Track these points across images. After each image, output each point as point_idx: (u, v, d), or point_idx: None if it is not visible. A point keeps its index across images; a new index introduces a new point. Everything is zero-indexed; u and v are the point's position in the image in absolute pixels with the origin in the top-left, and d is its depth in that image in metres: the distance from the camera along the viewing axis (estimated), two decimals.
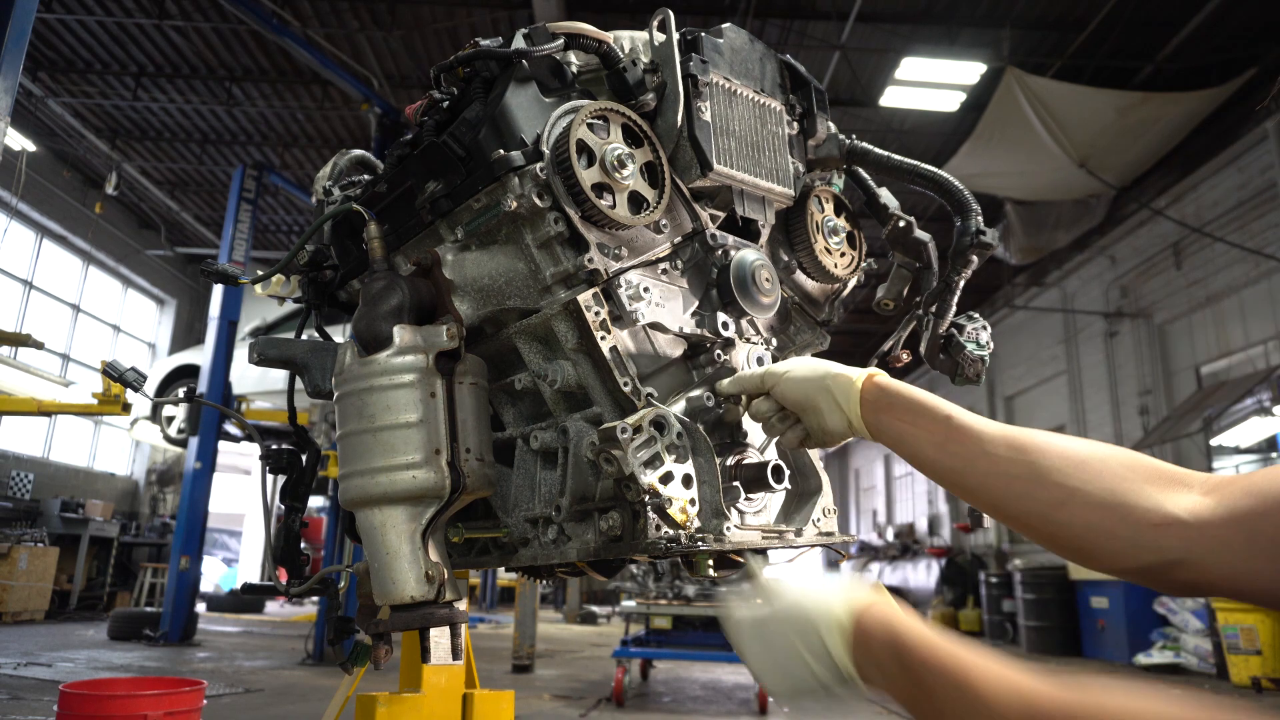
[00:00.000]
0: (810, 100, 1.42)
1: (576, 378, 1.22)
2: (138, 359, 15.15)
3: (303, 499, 1.50)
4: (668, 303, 1.26)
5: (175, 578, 8.48)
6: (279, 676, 6.40)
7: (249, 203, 9.58)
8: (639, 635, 6.12)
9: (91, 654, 7.27)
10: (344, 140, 11.92)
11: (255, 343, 1.39)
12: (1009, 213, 10.65)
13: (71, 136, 11.99)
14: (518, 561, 1.34)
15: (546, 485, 1.30)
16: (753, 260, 1.32)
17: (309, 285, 1.54)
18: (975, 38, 8.87)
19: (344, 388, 1.17)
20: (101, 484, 14.21)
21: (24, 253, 12.68)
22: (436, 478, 1.12)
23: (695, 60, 1.26)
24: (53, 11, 9.26)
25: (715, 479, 1.14)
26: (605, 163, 1.17)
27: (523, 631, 7.01)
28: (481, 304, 1.27)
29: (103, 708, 2.61)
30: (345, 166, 1.62)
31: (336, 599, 1.48)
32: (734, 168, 1.28)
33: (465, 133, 1.23)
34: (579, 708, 5.39)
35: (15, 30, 2.88)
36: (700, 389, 1.28)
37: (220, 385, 8.64)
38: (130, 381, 1.68)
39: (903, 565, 18.07)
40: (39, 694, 4.97)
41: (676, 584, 6.24)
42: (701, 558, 1.17)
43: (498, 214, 1.20)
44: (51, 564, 10.50)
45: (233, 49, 10.09)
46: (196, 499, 8.69)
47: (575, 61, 1.31)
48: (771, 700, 5.70)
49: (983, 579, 13.05)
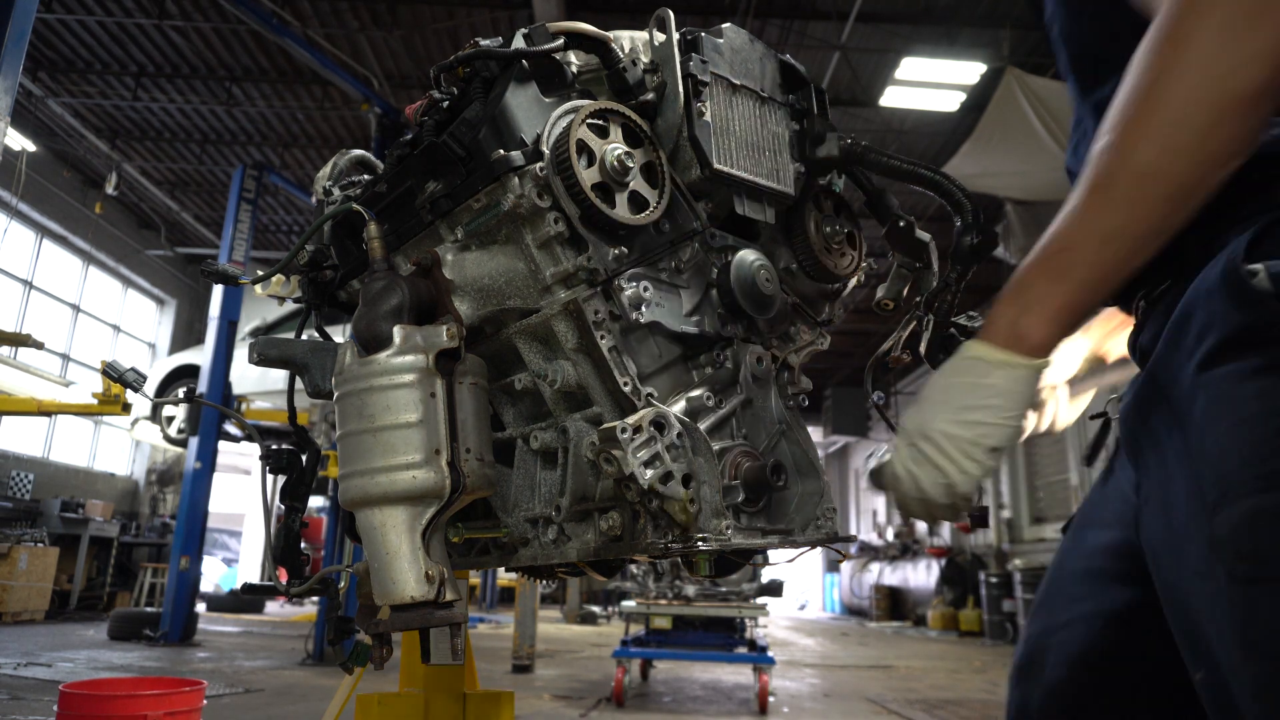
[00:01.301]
0: (810, 100, 1.42)
1: (576, 378, 1.22)
2: (138, 359, 15.15)
3: (303, 499, 1.50)
4: (668, 303, 1.26)
5: (175, 578, 8.48)
6: (279, 676, 6.40)
7: (249, 203, 9.58)
8: (639, 635, 6.12)
9: (91, 654, 7.27)
10: (344, 140, 11.92)
11: (255, 343, 1.39)
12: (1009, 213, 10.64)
13: (71, 136, 12.00)
14: (518, 561, 1.34)
15: (546, 485, 1.30)
16: (753, 260, 1.32)
17: (309, 285, 1.54)
18: (975, 38, 8.87)
19: (344, 388, 1.18)
20: (101, 484, 14.21)
21: (24, 253, 12.68)
22: (436, 478, 1.12)
23: (695, 60, 1.26)
24: (53, 11, 9.26)
25: (715, 479, 1.14)
26: (605, 163, 1.17)
27: (523, 631, 7.01)
28: (481, 304, 1.27)
29: (103, 708, 2.61)
30: (345, 166, 1.62)
31: (336, 599, 1.48)
32: (734, 167, 1.28)
33: (465, 133, 1.23)
34: (579, 708, 5.39)
35: (15, 30, 2.88)
36: (700, 389, 1.28)
37: (220, 385, 8.64)
38: (130, 382, 1.68)
39: (903, 565, 18.07)
40: (39, 694, 4.97)
41: (676, 584, 6.24)
42: (701, 558, 1.17)
43: (497, 214, 1.20)
44: (51, 564, 10.50)
45: (233, 49, 10.10)
46: (196, 499, 8.69)
47: (575, 61, 1.31)
48: (772, 699, 5.70)
49: (983, 579, 13.05)
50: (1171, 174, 0.80)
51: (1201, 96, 0.77)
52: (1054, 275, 0.89)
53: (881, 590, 18.48)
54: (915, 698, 6.50)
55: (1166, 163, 0.80)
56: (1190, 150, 0.79)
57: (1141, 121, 0.81)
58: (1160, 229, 0.82)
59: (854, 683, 7.45)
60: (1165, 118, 0.79)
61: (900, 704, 6.11)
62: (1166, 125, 0.79)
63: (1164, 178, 0.80)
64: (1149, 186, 0.81)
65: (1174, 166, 0.79)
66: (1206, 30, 0.76)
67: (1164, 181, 0.80)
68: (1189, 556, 0.82)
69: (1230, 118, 0.77)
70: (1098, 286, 0.87)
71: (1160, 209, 0.81)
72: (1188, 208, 0.81)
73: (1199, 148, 0.78)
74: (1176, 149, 0.79)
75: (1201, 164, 0.79)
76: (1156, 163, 0.80)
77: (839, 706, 6.03)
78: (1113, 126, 0.83)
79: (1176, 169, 0.79)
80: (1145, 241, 0.83)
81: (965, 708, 6.11)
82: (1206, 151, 0.79)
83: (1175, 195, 0.80)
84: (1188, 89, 0.77)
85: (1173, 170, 0.80)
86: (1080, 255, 0.87)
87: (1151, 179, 0.81)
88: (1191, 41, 0.77)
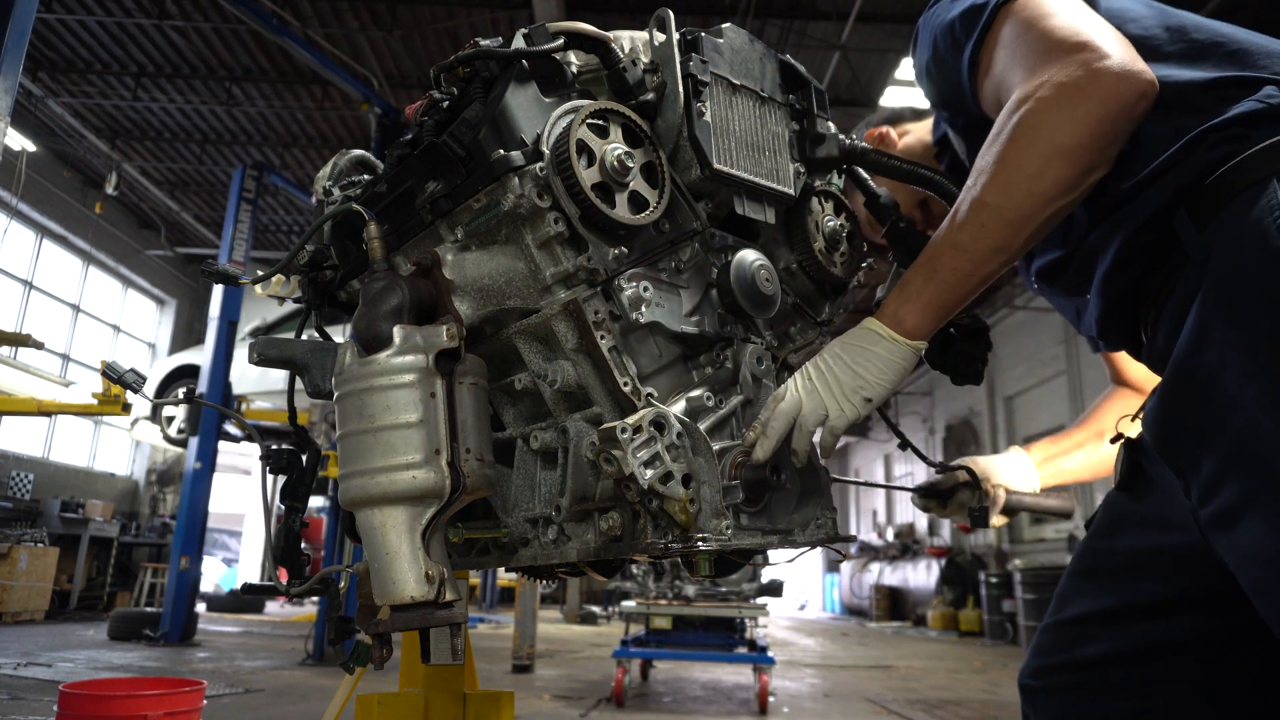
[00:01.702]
0: (810, 100, 1.42)
1: (576, 378, 1.22)
2: (138, 359, 15.15)
3: (303, 499, 1.50)
4: (668, 303, 1.26)
5: (175, 578, 8.48)
6: (279, 676, 6.40)
7: (249, 203, 9.58)
8: (639, 635, 6.12)
9: (91, 654, 7.27)
10: (344, 140, 11.92)
11: (255, 343, 1.39)
12: None
13: (71, 136, 12.00)
14: (518, 561, 1.34)
15: (546, 485, 1.30)
16: (753, 260, 1.32)
17: (309, 285, 1.54)
18: None
19: (344, 388, 1.17)
20: (101, 484, 14.21)
21: (24, 253, 12.68)
22: (436, 478, 1.12)
23: (695, 60, 1.26)
24: (53, 11, 9.26)
25: (715, 479, 1.14)
26: (605, 163, 1.17)
27: (523, 631, 7.01)
28: (481, 304, 1.27)
29: (103, 708, 2.61)
30: (345, 166, 1.62)
31: (336, 599, 1.48)
32: (734, 167, 1.28)
33: (465, 133, 1.23)
34: (579, 708, 5.39)
35: (15, 30, 2.88)
36: (700, 389, 1.28)
37: (220, 385, 8.64)
38: (129, 383, 1.68)
39: (903, 565, 18.07)
40: (39, 694, 4.97)
41: (676, 584, 6.24)
42: (702, 558, 1.17)
43: (497, 214, 1.20)
44: (51, 564, 10.50)
45: (233, 49, 10.10)
46: (196, 499, 8.69)
47: (575, 61, 1.31)
48: (772, 700, 5.70)
49: (983, 579, 13.05)
50: (1007, 206, 1.05)
51: (1031, 148, 1.03)
52: (925, 276, 1.13)
53: (881, 590, 18.48)
54: (915, 698, 6.50)
55: (1004, 198, 1.05)
56: (1023, 187, 1.04)
57: (990, 168, 1.07)
58: (1001, 246, 1.08)
59: (854, 683, 7.45)
60: (1005, 163, 1.05)
61: (900, 704, 6.11)
62: (1007, 169, 1.05)
63: (1001, 209, 1.06)
64: (990, 214, 1.07)
65: (1009, 201, 1.05)
66: (1038, 103, 1.03)
67: (1002, 211, 1.06)
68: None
69: (1053, 165, 1.02)
70: (955, 287, 1.11)
71: (1001, 231, 1.07)
72: (1024, 232, 1.06)
73: (1030, 185, 1.04)
74: (1011, 187, 1.05)
75: (1033, 198, 1.04)
76: (996, 199, 1.06)
77: (839, 706, 6.03)
78: (974, 172, 1.11)
79: (1012, 203, 1.05)
80: (990, 255, 1.08)
81: (965, 708, 6.11)
82: (1036, 190, 1.03)
83: (1013, 220, 1.06)
84: (1022, 145, 1.04)
85: (1008, 204, 1.05)
86: (942, 262, 1.11)
87: (991, 209, 1.06)
88: (1026, 113, 1.04)
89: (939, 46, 1.28)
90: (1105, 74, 1.01)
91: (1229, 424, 0.92)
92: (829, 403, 1.15)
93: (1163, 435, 1.05)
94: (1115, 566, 1.18)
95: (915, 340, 1.14)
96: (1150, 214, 1.08)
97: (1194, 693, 1.10)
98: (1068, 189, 1.03)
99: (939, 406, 18.35)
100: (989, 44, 1.18)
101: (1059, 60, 1.04)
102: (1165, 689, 1.11)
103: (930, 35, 1.31)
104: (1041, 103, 1.03)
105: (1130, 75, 1.01)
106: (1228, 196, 0.99)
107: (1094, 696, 1.16)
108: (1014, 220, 1.05)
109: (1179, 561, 1.08)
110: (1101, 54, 1.02)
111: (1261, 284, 0.92)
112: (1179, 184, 1.05)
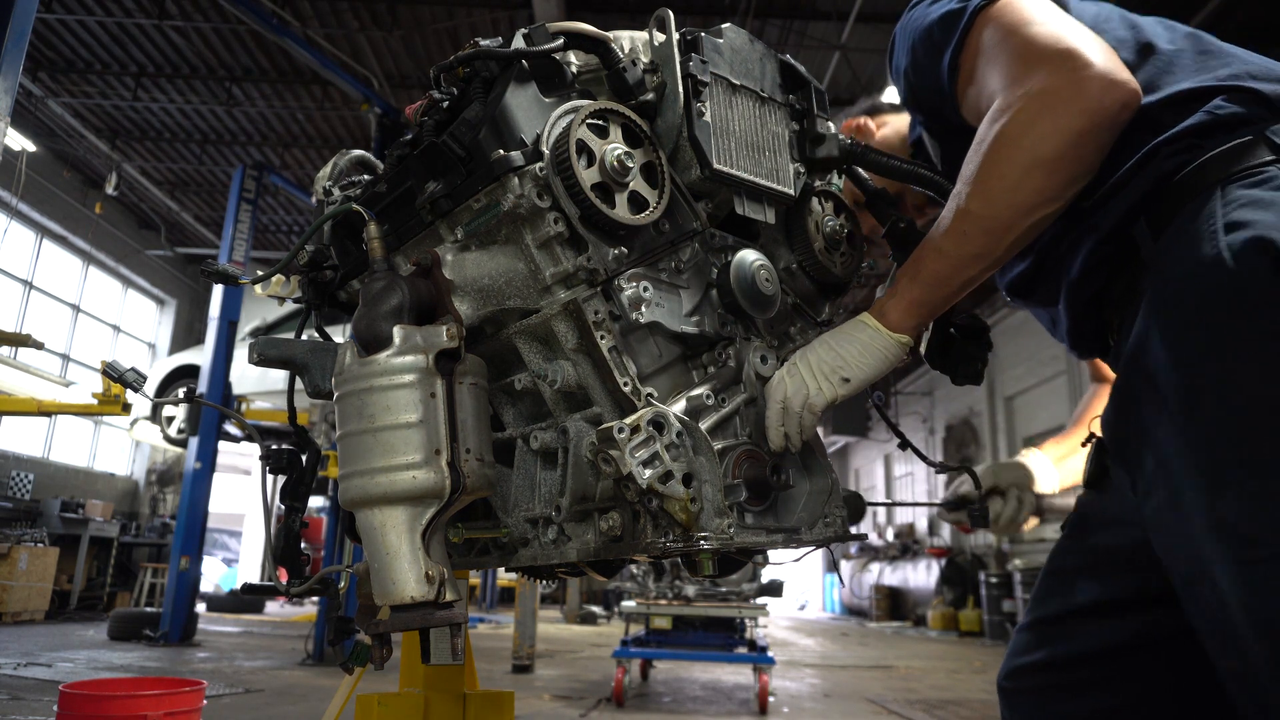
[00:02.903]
0: (810, 100, 1.42)
1: (576, 378, 1.22)
2: (138, 359, 15.15)
3: (303, 499, 1.50)
4: (668, 303, 1.26)
5: (175, 578, 8.48)
6: (279, 676, 6.40)
7: (249, 203, 9.57)
8: (639, 635, 6.12)
9: (91, 654, 7.27)
10: (344, 140, 11.92)
11: (255, 343, 1.39)
12: None
13: (71, 136, 12.00)
14: (518, 562, 1.34)
15: (546, 485, 1.30)
16: (753, 260, 1.32)
17: (309, 285, 1.53)
18: None
19: (344, 388, 1.17)
20: (101, 484, 14.21)
21: (24, 253, 12.68)
22: (436, 478, 1.12)
23: (695, 60, 1.26)
24: (53, 11, 9.26)
25: (717, 478, 1.14)
26: (605, 163, 1.17)
27: (523, 631, 7.01)
28: (481, 304, 1.27)
29: (103, 708, 2.61)
30: (345, 166, 1.62)
31: (336, 599, 1.47)
32: (734, 167, 1.28)
33: (465, 133, 1.23)
34: (579, 708, 5.39)
35: (15, 30, 2.88)
36: (702, 388, 1.28)
37: (220, 385, 8.64)
38: (130, 382, 1.68)
39: (903, 565, 18.07)
40: (39, 694, 4.97)
41: (676, 584, 6.24)
42: (703, 557, 1.17)
43: (497, 214, 1.20)
44: (51, 564, 10.50)
45: (233, 49, 10.10)
46: (196, 499, 8.69)
47: (575, 61, 1.31)
48: (772, 700, 5.70)
49: (983, 579, 13.05)
50: (987, 215, 1.08)
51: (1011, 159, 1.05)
52: (910, 276, 1.18)
53: (881, 590, 18.47)
54: (915, 698, 6.50)
55: (985, 207, 1.08)
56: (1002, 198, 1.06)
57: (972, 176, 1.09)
58: (981, 254, 1.11)
59: (854, 683, 7.45)
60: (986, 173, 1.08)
61: (900, 704, 6.11)
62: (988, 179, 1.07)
63: (981, 218, 1.09)
64: (971, 222, 1.09)
65: (990, 210, 1.08)
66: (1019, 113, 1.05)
67: (982, 220, 1.09)
68: (1198, 543, 0.89)
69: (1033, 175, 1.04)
70: (937, 289, 1.15)
71: (980, 238, 1.10)
72: (1004, 241, 1.09)
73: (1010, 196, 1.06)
74: (991, 197, 1.07)
75: (1012, 208, 1.06)
76: (977, 207, 1.09)
77: (839, 707, 6.03)
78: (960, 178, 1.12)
79: (992, 212, 1.08)
80: (971, 261, 1.12)
81: (965, 708, 6.11)
82: (1015, 201, 1.06)
83: (992, 230, 1.09)
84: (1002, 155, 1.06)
85: (989, 213, 1.08)
86: (925, 265, 1.16)
87: (973, 216, 1.09)
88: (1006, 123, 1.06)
89: (917, 51, 1.29)
90: (1089, 83, 1.01)
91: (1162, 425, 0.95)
92: (809, 381, 1.19)
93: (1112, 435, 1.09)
94: (1084, 565, 1.21)
95: (898, 334, 1.18)
96: (1112, 225, 1.10)
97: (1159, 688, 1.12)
98: (1048, 199, 1.05)
99: (939, 406, 18.35)
100: (969, 49, 1.19)
101: (1041, 68, 1.05)
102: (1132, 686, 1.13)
103: (909, 40, 1.31)
104: (1022, 113, 1.04)
105: (1114, 84, 1.01)
106: (1178, 206, 1.02)
107: (1063, 695, 1.19)
108: (993, 229, 1.08)
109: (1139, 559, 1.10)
110: (1084, 62, 1.03)
111: (1194, 287, 0.95)
112: (1137, 195, 1.07)
